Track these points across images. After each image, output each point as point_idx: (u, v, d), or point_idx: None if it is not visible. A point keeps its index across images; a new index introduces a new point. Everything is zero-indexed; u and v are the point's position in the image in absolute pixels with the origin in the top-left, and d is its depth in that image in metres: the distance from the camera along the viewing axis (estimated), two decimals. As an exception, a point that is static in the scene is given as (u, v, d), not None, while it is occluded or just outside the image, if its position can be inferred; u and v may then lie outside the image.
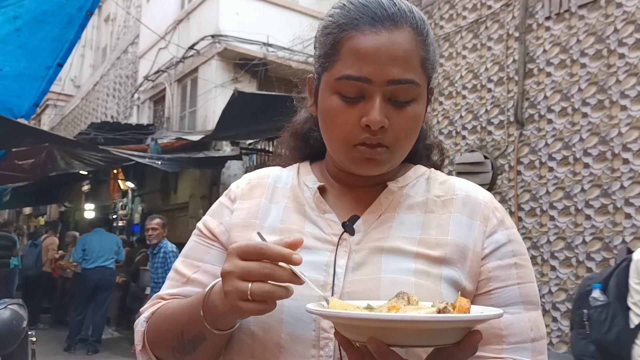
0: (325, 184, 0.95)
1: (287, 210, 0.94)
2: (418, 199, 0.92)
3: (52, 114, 19.83)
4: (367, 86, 0.82)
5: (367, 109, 0.82)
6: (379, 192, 0.92)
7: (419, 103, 0.86)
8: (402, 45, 0.82)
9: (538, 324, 0.86)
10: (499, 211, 0.91)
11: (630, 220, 3.90)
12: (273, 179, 1.00)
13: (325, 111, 0.86)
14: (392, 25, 0.82)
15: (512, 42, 4.92)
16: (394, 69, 0.81)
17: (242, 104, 6.84)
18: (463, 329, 0.68)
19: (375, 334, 0.66)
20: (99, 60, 17.25)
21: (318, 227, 0.90)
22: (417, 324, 0.64)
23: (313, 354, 0.81)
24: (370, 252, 0.86)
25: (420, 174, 0.96)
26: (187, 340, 0.84)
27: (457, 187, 0.93)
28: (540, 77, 4.65)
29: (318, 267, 0.85)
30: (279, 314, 0.81)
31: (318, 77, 0.90)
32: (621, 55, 4.05)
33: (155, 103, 12.31)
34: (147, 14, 12.39)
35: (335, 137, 0.86)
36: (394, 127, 0.83)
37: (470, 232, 0.88)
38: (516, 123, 4.79)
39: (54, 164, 8.52)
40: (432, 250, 0.85)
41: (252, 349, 0.84)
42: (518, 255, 0.88)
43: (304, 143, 1.03)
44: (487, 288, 0.86)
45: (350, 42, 0.83)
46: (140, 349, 0.92)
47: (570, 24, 4.45)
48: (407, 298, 0.71)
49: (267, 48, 9.45)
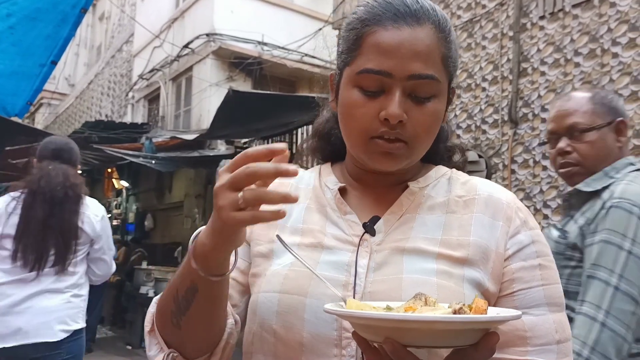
0: (346, 184, 0.95)
1: (308, 210, 0.94)
2: (439, 200, 0.91)
3: (46, 113, 19.74)
4: (387, 80, 0.82)
5: (386, 103, 0.82)
6: (399, 192, 0.92)
7: (439, 100, 0.86)
8: (423, 41, 0.82)
9: (563, 325, 0.85)
10: (522, 212, 0.90)
11: (624, 218, 3.92)
12: (296, 179, 1.00)
13: (345, 104, 0.87)
14: (414, 22, 0.83)
15: (507, 41, 4.93)
16: (415, 64, 0.81)
17: (236, 103, 6.83)
18: (480, 330, 0.68)
19: (391, 334, 0.66)
20: (93, 58, 17.19)
21: (339, 228, 0.90)
22: (432, 325, 0.64)
23: (335, 353, 0.80)
24: (391, 253, 0.85)
25: (442, 174, 0.95)
26: (181, 297, 0.82)
27: (479, 187, 0.92)
28: (534, 76, 4.67)
29: (339, 267, 0.85)
30: (301, 313, 0.81)
31: (340, 73, 0.91)
32: (614, 55, 4.07)
33: (150, 102, 12.28)
34: (142, 12, 12.36)
35: (353, 129, 0.86)
36: (413, 123, 0.83)
37: (493, 233, 0.86)
38: (510, 122, 4.81)
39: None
40: (454, 250, 0.84)
41: (275, 347, 0.84)
42: (542, 256, 0.87)
43: (325, 142, 1.03)
44: (511, 289, 0.85)
45: (372, 37, 0.83)
46: (149, 330, 0.90)
47: (564, 23, 4.47)
48: (425, 299, 0.71)
49: (262, 47, 9.45)
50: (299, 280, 0.82)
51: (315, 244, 0.88)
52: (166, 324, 0.86)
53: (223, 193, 0.69)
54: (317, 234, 0.89)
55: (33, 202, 2.64)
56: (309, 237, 0.90)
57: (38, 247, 2.59)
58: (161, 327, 0.88)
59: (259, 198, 0.68)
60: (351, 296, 0.82)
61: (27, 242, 2.58)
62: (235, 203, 0.68)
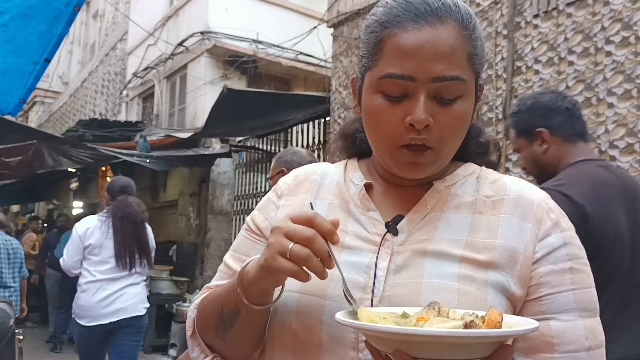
0: (372, 181, 0.93)
1: (331, 207, 0.93)
2: (466, 199, 0.88)
3: (40, 111, 19.65)
4: (410, 84, 0.79)
5: (411, 108, 0.80)
6: (425, 191, 0.89)
7: (466, 100, 0.83)
8: (446, 41, 0.79)
9: (595, 332, 0.82)
10: (554, 212, 0.86)
11: (617, 216, 3.94)
12: (320, 175, 0.98)
13: (369, 111, 0.84)
14: (435, 21, 0.80)
15: (501, 39, 4.94)
16: (438, 65, 0.79)
17: (231, 101, 6.82)
18: (493, 344, 0.66)
19: (399, 347, 0.65)
20: (87, 56, 17.11)
21: (361, 226, 0.88)
22: (440, 339, 0.63)
23: (352, 356, 0.80)
24: (413, 255, 0.83)
25: (470, 173, 0.92)
26: (226, 314, 0.85)
27: (509, 186, 0.88)
28: (528, 74, 4.68)
29: (359, 269, 0.84)
30: (320, 315, 0.82)
31: (361, 77, 0.88)
32: (608, 53, 4.09)
33: (144, 100, 12.24)
34: (136, 10, 12.31)
35: (379, 137, 0.84)
36: (439, 126, 0.80)
37: (521, 235, 0.83)
38: (504, 120, 4.82)
39: (42, 162, 8.45)
40: (478, 253, 0.81)
41: (294, 347, 0.84)
42: (574, 259, 0.84)
43: (351, 143, 1.02)
44: (538, 294, 0.82)
45: (392, 40, 0.81)
46: (191, 334, 0.94)
47: (558, 21, 4.48)
48: (438, 309, 0.70)
49: (256, 45, 9.43)
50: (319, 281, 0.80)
51: None
52: (209, 332, 0.90)
53: (277, 235, 0.75)
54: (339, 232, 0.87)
55: (122, 224, 3.91)
56: None
57: (130, 254, 3.91)
58: (203, 333, 0.92)
59: (304, 259, 0.73)
60: (369, 299, 0.81)
61: (122, 251, 3.88)
62: (284, 249, 0.73)
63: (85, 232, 3.91)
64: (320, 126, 7.67)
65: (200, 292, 1.00)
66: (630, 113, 3.90)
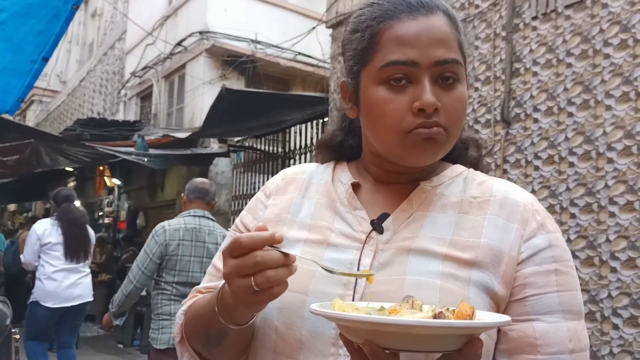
0: (360, 181, 0.94)
1: (318, 206, 0.93)
2: (453, 199, 0.88)
3: (38, 110, 19.62)
4: (414, 70, 0.81)
5: (417, 93, 0.81)
6: (412, 190, 0.90)
7: (463, 84, 0.85)
8: (440, 28, 0.83)
9: (579, 334, 0.82)
10: (540, 214, 0.87)
11: (614, 218, 3.94)
12: (308, 174, 0.99)
13: (373, 104, 0.84)
14: (427, 11, 0.84)
15: (499, 41, 4.95)
16: (439, 50, 0.82)
17: (230, 101, 6.82)
18: (462, 336, 0.66)
19: (369, 337, 0.65)
20: (85, 55, 17.09)
21: (347, 224, 0.89)
22: (408, 329, 0.63)
23: (332, 352, 0.80)
24: (397, 252, 0.83)
25: (457, 174, 0.93)
26: (212, 336, 0.85)
27: (496, 188, 0.89)
28: (526, 76, 4.69)
29: (342, 265, 0.84)
30: (301, 311, 0.82)
31: (355, 78, 0.88)
32: (606, 56, 4.09)
33: (142, 99, 12.23)
34: (135, 9, 12.30)
35: (387, 127, 0.83)
36: (446, 109, 0.82)
37: (507, 236, 0.83)
38: (503, 122, 4.82)
39: (39, 160, 8.44)
40: (462, 252, 0.82)
41: (275, 343, 0.85)
42: (559, 261, 0.84)
43: (336, 152, 1.02)
44: (523, 294, 0.82)
45: (389, 31, 0.83)
46: (179, 341, 0.94)
47: (556, 24, 4.48)
48: (412, 302, 0.70)
49: (255, 45, 9.43)
50: (301, 277, 0.82)
51: (322, 241, 0.88)
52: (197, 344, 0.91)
53: (234, 280, 0.72)
54: (325, 230, 0.89)
55: (69, 227, 4.96)
56: (315, 234, 0.89)
57: (76, 251, 4.98)
58: (192, 342, 0.92)
59: (270, 283, 0.71)
60: (351, 295, 0.82)
61: (70, 248, 4.94)
62: (249, 289, 0.71)
63: (43, 232, 4.90)
64: (318, 127, 7.67)
65: (189, 296, 1.00)
66: (628, 115, 3.91)
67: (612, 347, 3.84)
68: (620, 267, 3.84)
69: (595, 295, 3.93)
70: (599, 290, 3.93)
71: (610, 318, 3.86)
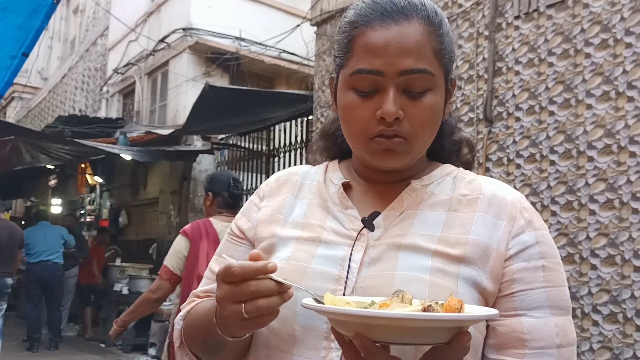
0: (351, 180, 0.96)
1: (311, 205, 0.96)
2: (442, 197, 0.90)
3: (18, 107, 19.32)
4: (379, 79, 0.83)
5: (381, 102, 0.83)
6: (402, 189, 0.92)
7: (435, 93, 0.86)
8: (412, 37, 0.83)
9: (566, 330, 0.84)
10: (527, 211, 0.89)
11: (595, 216, 3.99)
12: (301, 175, 1.02)
13: (343, 107, 0.88)
14: (402, 19, 0.84)
15: (482, 40, 4.98)
16: (405, 59, 0.82)
17: (213, 98, 6.79)
18: (451, 329, 0.68)
19: (360, 330, 0.67)
20: (67, 52, 16.87)
21: (339, 222, 0.91)
22: (397, 321, 0.64)
23: (325, 345, 0.82)
24: (387, 248, 0.85)
25: (447, 173, 0.95)
26: (211, 344, 0.86)
27: (485, 186, 0.91)
28: (509, 75, 4.73)
29: (333, 261, 0.86)
30: (294, 307, 0.83)
31: (337, 77, 0.92)
32: (587, 55, 4.14)
33: (125, 96, 12.11)
34: (117, 5, 12.17)
35: (353, 131, 0.87)
36: (410, 118, 0.84)
37: (495, 232, 0.85)
38: (485, 121, 4.86)
39: (19, 158, 8.33)
40: (451, 248, 0.84)
41: (268, 338, 0.86)
42: (547, 257, 0.86)
43: (332, 142, 1.05)
44: (511, 290, 0.84)
45: (361, 38, 0.85)
46: (179, 345, 0.96)
47: (538, 23, 4.53)
48: (402, 296, 0.71)
49: (239, 42, 9.38)
50: (294, 273, 0.84)
51: (314, 238, 0.90)
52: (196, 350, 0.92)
53: (226, 305, 0.74)
54: (317, 228, 0.91)
55: None
56: (308, 232, 0.91)
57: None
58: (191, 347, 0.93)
59: (260, 312, 0.72)
60: (342, 290, 0.83)
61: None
62: (240, 315, 0.73)
63: None
64: (302, 124, 7.66)
65: (187, 300, 1.01)
66: (608, 114, 3.96)
67: (592, 344, 3.89)
68: (600, 265, 3.89)
69: (575, 292, 3.98)
70: (579, 287, 3.98)
71: (590, 315, 3.92)
